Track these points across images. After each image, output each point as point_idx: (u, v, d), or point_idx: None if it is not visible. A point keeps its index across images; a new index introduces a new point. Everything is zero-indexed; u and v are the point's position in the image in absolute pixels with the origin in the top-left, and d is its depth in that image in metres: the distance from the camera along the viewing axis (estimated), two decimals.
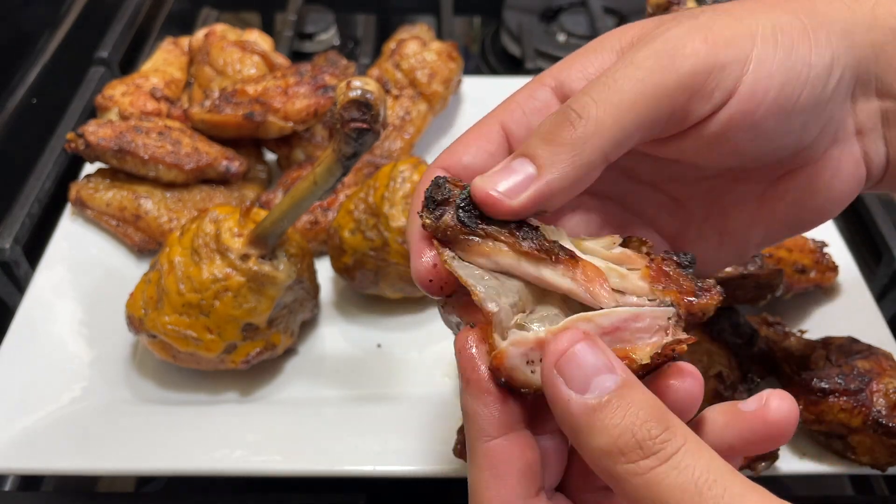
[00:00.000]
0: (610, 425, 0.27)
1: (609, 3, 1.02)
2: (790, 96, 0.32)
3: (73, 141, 0.65)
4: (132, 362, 0.59)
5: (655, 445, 0.26)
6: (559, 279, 0.31)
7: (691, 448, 0.26)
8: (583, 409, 0.27)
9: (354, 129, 0.43)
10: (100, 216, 0.66)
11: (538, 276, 0.31)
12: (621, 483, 0.26)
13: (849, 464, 0.51)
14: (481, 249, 0.31)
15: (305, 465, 0.51)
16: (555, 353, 0.28)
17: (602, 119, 0.31)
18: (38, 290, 0.61)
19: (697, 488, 0.25)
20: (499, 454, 0.30)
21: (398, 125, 0.75)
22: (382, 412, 0.56)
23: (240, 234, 0.53)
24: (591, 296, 0.31)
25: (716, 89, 0.32)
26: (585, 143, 0.31)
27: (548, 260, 0.31)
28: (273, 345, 0.56)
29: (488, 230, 0.31)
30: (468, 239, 0.31)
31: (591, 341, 0.28)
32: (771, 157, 0.35)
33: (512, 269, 0.31)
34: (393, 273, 0.60)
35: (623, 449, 0.26)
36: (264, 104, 0.67)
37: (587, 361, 0.28)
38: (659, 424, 0.26)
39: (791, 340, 0.55)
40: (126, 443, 0.52)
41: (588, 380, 0.27)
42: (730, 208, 0.39)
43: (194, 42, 0.79)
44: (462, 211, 0.31)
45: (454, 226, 0.30)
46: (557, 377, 0.28)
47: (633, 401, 0.27)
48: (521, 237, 0.31)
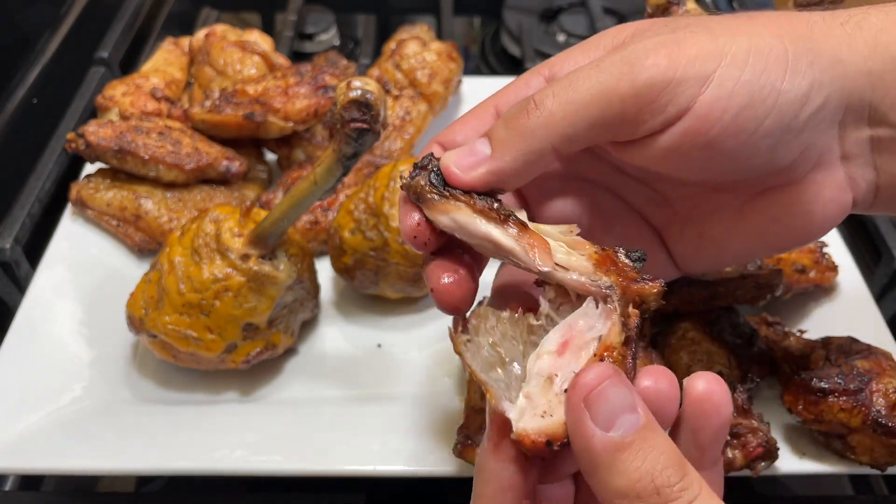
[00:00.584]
0: (631, 467, 0.27)
1: (609, 4, 1.02)
2: (752, 119, 0.32)
3: (74, 141, 0.65)
4: (132, 362, 0.59)
5: (673, 493, 0.26)
6: (504, 238, 0.33)
7: (705, 500, 0.26)
8: (606, 446, 0.27)
9: (354, 130, 0.43)
10: (100, 216, 0.66)
11: (487, 233, 0.33)
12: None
13: (848, 463, 0.51)
14: (443, 207, 0.34)
15: (305, 464, 0.51)
16: (584, 388, 0.28)
17: (554, 112, 0.32)
18: (38, 290, 0.61)
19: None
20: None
21: (398, 125, 0.75)
22: (382, 412, 0.56)
23: (240, 234, 0.53)
24: (530, 256, 0.33)
25: (669, 104, 0.32)
26: (535, 133, 0.32)
27: (497, 219, 0.33)
28: (273, 345, 0.56)
29: (451, 192, 0.34)
30: (432, 198, 0.34)
31: (619, 377, 0.28)
32: (740, 175, 0.36)
33: (466, 226, 0.34)
34: (393, 273, 0.60)
35: (641, 493, 0.26)
36: (264, 104, 0.67)
37: (615, 398, 0.28)
38: (677, 472, 0.27)
39: (791, 340, 0.55)
40: (126, 443, 0.52)
41: (614, 417, 0.27)
42: (710, 214, 0.39)
43: (195, 42, 0.79)
44: (433, 175, 0.34)
45: (424, 185, 0.34)
46: (585, 412, 0.28)
47: (654, 444, 0.27)
48: (478, 198, 0.34)
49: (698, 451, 0.32)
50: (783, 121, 0.32)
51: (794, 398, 0.51)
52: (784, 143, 0.33)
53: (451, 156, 0.34)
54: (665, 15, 0.51)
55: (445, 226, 0.34)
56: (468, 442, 0.48)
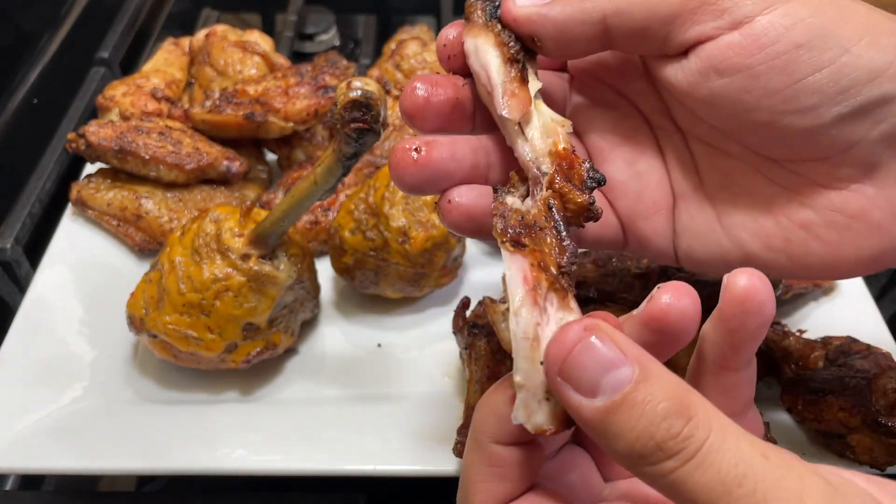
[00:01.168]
0: (626, 428, 0.25)
1: None
2: (805, 63, 0.30)
3: (74, 141, 0.65)
4: (133, 362, 0.59)
5: (677, 445, 0.24)
6: (497, 73, 0.34)
7: (715, 442, 0.24)
8: (595, 413, 0.25)
9: (355, 130, 0.43)
10: (101, 216, 0.66)
11: (487, 62, 0.34)
12: (648, 481, 0.25)
13: (848, 463, 0.51)
14: (476, 31, 0.35)
15: (305, 464, 0.51)
16: (556, 360, 0.26)
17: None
18: (38, 290, 0.62)
19: (725, 487, 0.23)
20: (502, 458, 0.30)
21: (398, 125, 0.75)
22: (382, 412, 0.56)
23: (240, 234, 0.53)
24: (502, 100, 0.33)
25: (727, 12, 0.31)
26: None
27: (506, 56, 0.34)
28: (273, 344, 0.56)
29: (494, 24, 0.34)
30: (475, 19, 0.35)
31: (593, 335, 0.26)
32: (774, 140, 0.33)
33: (479, 51, 0.34)
34: (393, 273, 0.60)
35: (642, 452, 0.24)
36: (265, 104, 0.67)
37: (591, 360, 0.25)
38: (680, 418, 0.24)
39: (790, 340, 0.55)
40: (127, 442, 0.52)
41: (596, 381, 0.25)
42: (738, 197, 0.36)
43: (195, 42, 0.79)
44: (491, 5, 0.35)
45: (478, 6, 0.35)
46: (564, 385, 0.26)
47: (649, 394, 0.25)
48: (507, 40, 0.34)
49: (733, 350, 0.29)
50: (839, 83, 0.30)
51: (793, 398, 0.51)
52: (833, 115, 0.31)
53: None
54: None
55: (467, 49, 0.35)
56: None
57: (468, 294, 0.59)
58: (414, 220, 0.58)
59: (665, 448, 0.24)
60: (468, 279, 0.68)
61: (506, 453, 0.30)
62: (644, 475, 0.25)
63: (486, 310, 0.33)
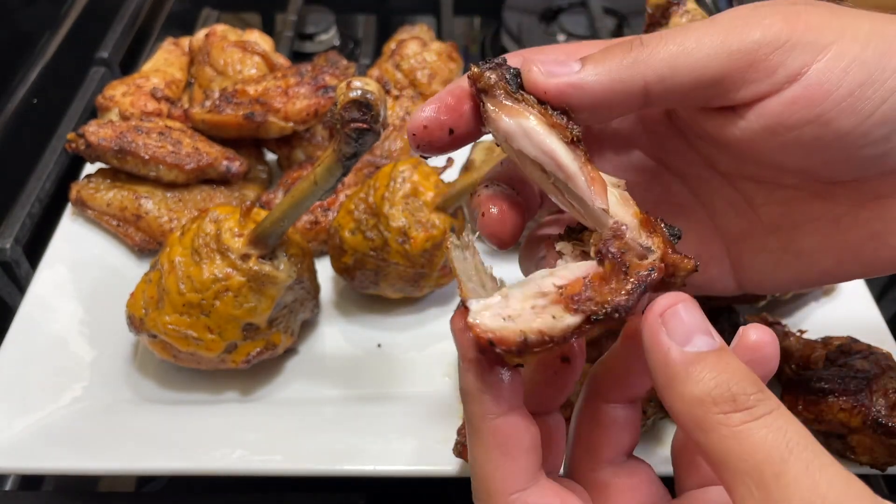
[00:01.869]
0: (707, 377, 0.27)
1: (609, 4, 1.02)
2: (868, 99, 0.30)
3: (74, 141, 0.65)
4: (133, 362, 0.59)
5: (750, 401, 0.26)
6: (569, 159, 0.31)
7: (784, 413, 0.26)
8: (683, 357, 0.27)
9: (355, 130, 0.43)
10: (100, 216, 0.66)
11: (551, 149, 0.31)
12: (709, 433, 0.26)
13: (848, 464, 0.51)
14: (512, 110, 0.32)
15: (305, 464, 0.51)
16: (660, 306, 0.29)
17: (657, 52, 0.31)
18: (38, 290, 0.61)
19: (789, 448, 0.25)
20: (506, 431, 0.30)
21: (398, 125, 0.75)
22: (382, 412, 0.56)
23: (240, 234, 0.53)
24: (590, 189, 0.31)
25: (780, 67, 0.30)
26: (633, 65, 0.31)
27: (567, 138, 0.31)
28: (273, 344, 0.56)
29: (527, 98, 0.32)
30: (501, 96, 0.32)
31: (695, 306, 0.29)
32: (847, 171, 0.33)
33: (531, 134, 0.31)
34: (393, 273, 0.60)
35: (717, 399, 0.26)
36: (265, 104, 0.67)
37: (690, 319, 0.28)
38: (753, 385, 0.26)
39: (791, 340, 0.55)
40: (127, 442, 0.52)
41: (690, 335, 0.28)
42: (802, 224, 0.36)
43: (195, 42, 0.79)
44: (509, 74, 0.32)
45: (499, 80, 0.32)
46: (661, 327, 0.28)
47: (730, 362, 0.27)
48: (552, 111, 0.32)
49: None
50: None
51: (794, 398, 0.51)
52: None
53: (536, 57, 0.32)
54: (665, 15, 0.51)
55: (505, 131, 0.32)
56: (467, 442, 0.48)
57: None
58: (414, 220, 0.58)
59: (739, 400, 0.26)
60: None
61: (505, 426, 0.30)
62: (708, 424, 0.26)
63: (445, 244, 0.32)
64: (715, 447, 0.26)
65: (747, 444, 0.25)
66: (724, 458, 0.26)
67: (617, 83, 0.31)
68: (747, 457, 0.25)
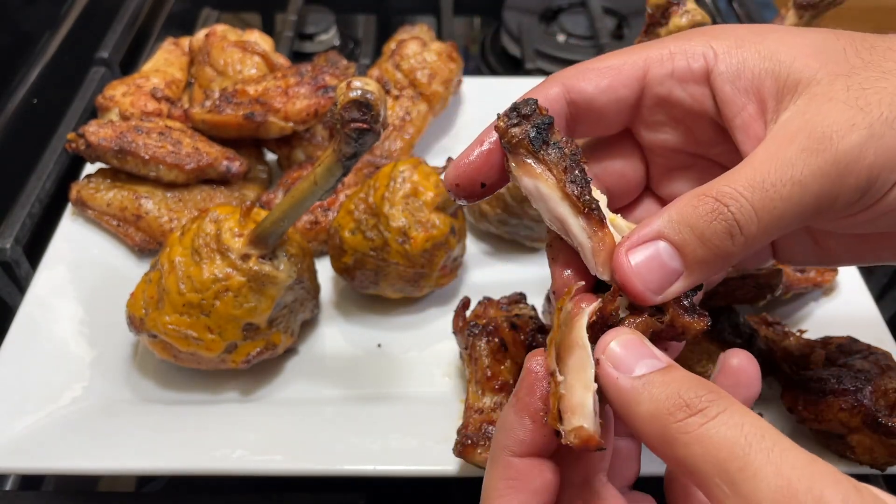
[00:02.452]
0: (657, 393, 0.28)
1: (609, 4, 1.02)
2: None
3: (74, 141, 0.65)
4: (133, 362, 0.59)
5: (702, 403, 0.27)
6: (578, 231, 0.32)
7: (739, 408, 0.27)
8: (630, 382, 0.29)
9: (355, 130, 0.43)
10: (100, 216, 0.66)
11: (561, 217, 0.33)
12: (673, 445, 0.27)
13: (848, 463, 0.51)
14: (532, 171, 0.33)
15: (305, 464, 0.51)
16: (603, 344, 0.30)
17: (757, 236, 0.31)
18: (38, 290, 0.61)
19: (748, 441, 0.26)
20: (520, 468, 0.32)
21: (398, 125, 0.75)
22: (382, 412, 0.56)
23: (240, 234, 0.53)
24: (593, 260, 0.32)
25: (883, 187, 0.31)
26: (735, 255, 0.31)
27: (580, 210, 0.32)
28: (273, 344, 0.56)
29: (548, 160, 0.33)
30: (524, 156, 0.33)
31: (637, 335, 0.30)
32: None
33: (546, 200, 0.33)
34: (393, 273, 0.60)
35: (671, 409, 0.27)
36: (265, 104, 0.67)
37: (632, 348, 0.30)
38: (704, 389, 0.27)
39: (790, 340, 0.55)
40: (127, 442, 0.52)
41: (634, 362, 0.29)
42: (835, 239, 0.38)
43: (195, 42, 0.79)
44: (535, 130, 0.33)
45: (522, 139, 0.33)
46: (606, 362, 0.30)
47: (679, 375, 0.28)
48: (570, 179, 0.32)
49: None
50: None
51: (793, 398, 0.51)
52: None
53: (637, 272, 0.31)
54: (665, 15, 0.51)
55: (526, 188, 0.33)
56: (468, 442, 0.49)
57: (468, 294, 0.59)
58: (414, 220, 0.58)
59: (692, 405, 0.27)
60: (468, 279, 0.68)
61: (520, 464, 0.32)
62: (668, 437, 0.27)
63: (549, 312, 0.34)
64: (682, 458, 0.27)
65: (708, 445, 0.26)
66: (692, 465, 0.26)
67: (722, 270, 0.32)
68: (711, 458, 0.26)
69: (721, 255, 0.31)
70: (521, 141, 0.33)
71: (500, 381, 0.51)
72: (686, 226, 0.31)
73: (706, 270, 0.31)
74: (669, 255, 0.31)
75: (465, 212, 0.67)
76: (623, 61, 0.36)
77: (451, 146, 0.80)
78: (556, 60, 0.94)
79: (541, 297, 0.62)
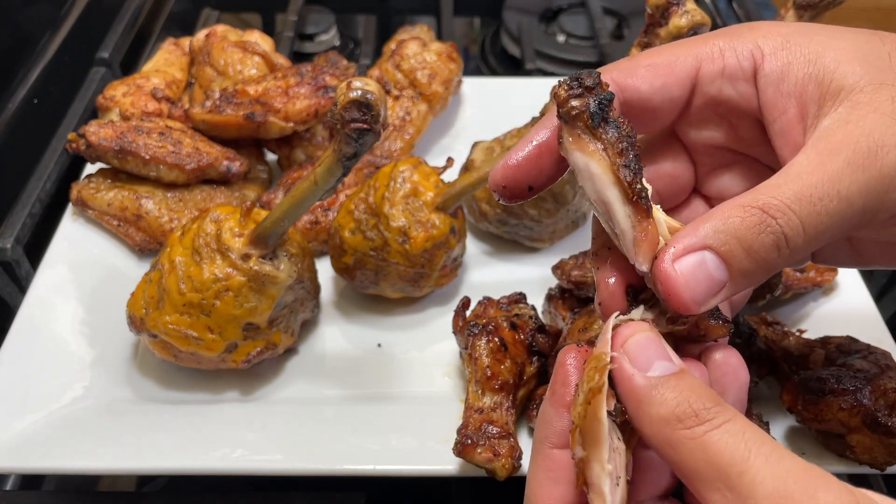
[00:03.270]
0: (669, 397, 0.29)
1: (608, 4, 1.02)
2: None
3: (75, 141, 0.65)
4: (133, 362, 0.59)
5: (710, 413, 0.28)
6: (623, 218, 0.32)
7: (742, 420, 0.28)
8: (645, 382, 0.29)
9: (355, 130, 0.44)
10: (101, 216, 0.67)
11: (608, 200, 0.32)
12: (677, 449, 0.28)
13: (848, 463, 0.51)
14: (586, 147, 0.32)
15: (306, 464, 0.51)
16: (622, 337, 0.31)
17: (802, 248, 0.31)
18: (39, 290, 0.62)
19: (748, 447, 0.27)
20: (560, 461, 0.33)
21: (398, 125, 0.75)
22: (382, 411, 0.56)
23: (240, 234, 0.53)
24: (633, 249, 0.32)
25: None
26: (779, 265, 0.32)
27: (629, 198, 0.31)
28: (274, 344, 0.56)
29: (605, 138, 0.31)
30: (580, 129, 0.32)
31: (655, 334, 0.31)
32: None
33: (595, 180, 0.32)
34: (393, 273, 0.60)
35: (681, 416, 0.28)
36: (265, 105, 0.67)
37: (650, 347, 0.30)
38: (712, 399, 0.29)
39: (790, 340, 0.55)
40: (127, 442, 0.52)
41: (650, 361, 0.30)
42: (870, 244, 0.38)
43: (195, 43, 0.79)
44: (597, 104, 0.31)
45: (582, 112, 0.31)
46: (623, 356, 0.30)
47: (690, 382, 0.29)
48: (623, 164, 0.31)
49: None
50: None
51: (793, 398, 0.51)
52: None
53: (684, 283, 0.31)
54: (665, 15, 0.51)
55: (575, 164, 0.32)
56: (468, 441, 0.49)
57: (468, 294, 0.59)
58: (414, 220, 0.58)
59: (700, 415, 0.28)
60: (468, 279, 0.68)
61: (560, 456, 0.33)
62: (674, 440, 0.28)
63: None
64: (685, 462, 0.28)
65: (712, 451, 0.27)
66: (694, 469, 0.28)
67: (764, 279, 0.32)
68: (713, 463, 0.27)
69: (766, 266, 0.31)
70: (580, 113, 0.31)
71: (499, 380, 0.52)
72: (733, 237, 0.30)
73: (749, 281, 0.32)
74: (715, 265, 0.31)
75: (465, 212, 0.67)
76: (674, 58, 0.36)
77: (451, 146, 0.80)
78: (555, 61, 0.94)
79: (541, 297, 0.62)
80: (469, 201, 0.68)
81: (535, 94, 0.70)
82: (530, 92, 0.77)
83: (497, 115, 0.77)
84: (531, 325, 0.55)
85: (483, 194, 0.67)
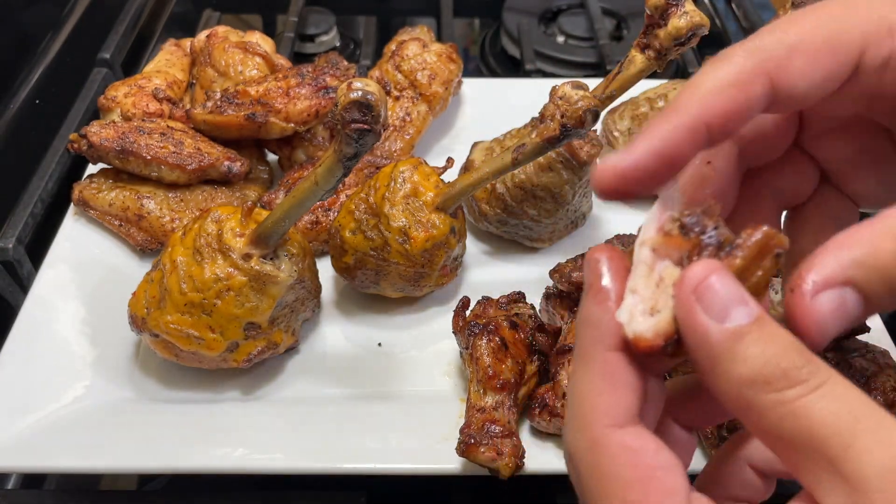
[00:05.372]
0: (752, 354, 0.24)
1: (608, 5, 1.02)
2: None
3: (76, 142, 0.66)
4: (135, 361, 0.60)
5: (802, 375, 0.24)
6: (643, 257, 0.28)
7: (842, 382, 0.24)
8: (724, 335, 0.25)
9: (355, 130, 0.44)
10: (102, 216, 0.67)
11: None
12: (762, 415, 0.24)
13: None
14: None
15: (307, 463, 0.52)
16: (692, 280, 0.26)
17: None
18: (40, 290, 0.62)
19: (852, 414, 0.23)
20: (616, 363, 0.28)
21: (398, 126, 0.75)
22: (383, 411, 0.56)
23: (241, 234, 0.53)
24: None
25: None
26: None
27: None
28: (275, 344, 0.56)
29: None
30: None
31: (726, 272, 0.26)
32: None
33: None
34: (393, 272, 0.60)
35: (768, 378, 0.24)
36: (266, 105, 0.68)
37: (725, 291, 0.25)
38: (801, 356, 0.24)
39: None
40: (128, 441, 0.53)
41: (727, 309, 0.25)
42: None
43: (196, 43, 0.80)
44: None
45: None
46: (696, 304, 0.25)
47: (773, 332, 0.25)
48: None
49: None
50: None
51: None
52: None
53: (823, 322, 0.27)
54: (664, 16, 0.52)
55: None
56: (471, 441, 0.49)
57: (468, 294, 0.59)
58: (414, 220, 0.58)
59: (791, 375, 0.24)
60: (468, 279, 0.68)
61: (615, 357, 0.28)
62: (760, 406, 0.24)
63: None
64: (773, 430, 0.24)
65: (809, 420, 0.23)
66: (786, 439, 0.24)
67: None
68: (810, 434, 0.23)
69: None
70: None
71: (501, 379, 0.52)
72: (878, 274, 0.26)
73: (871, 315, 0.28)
74: (855, 303, 0.26)
75: (465, 212, 0.67)
76: (837, 33, 0.28)
77: (450, 146, 0.80)
78: (555, 61, 0.95)
79: (539, 297, 0.62)
80: (469, 201, 0.68)
81: (534, 95, 0.70)
82: (530, 93, 0.78)
83: (497, 115, 0.77)
84: (531, 324, 0.55)
85: (483, 194, 0.67)
